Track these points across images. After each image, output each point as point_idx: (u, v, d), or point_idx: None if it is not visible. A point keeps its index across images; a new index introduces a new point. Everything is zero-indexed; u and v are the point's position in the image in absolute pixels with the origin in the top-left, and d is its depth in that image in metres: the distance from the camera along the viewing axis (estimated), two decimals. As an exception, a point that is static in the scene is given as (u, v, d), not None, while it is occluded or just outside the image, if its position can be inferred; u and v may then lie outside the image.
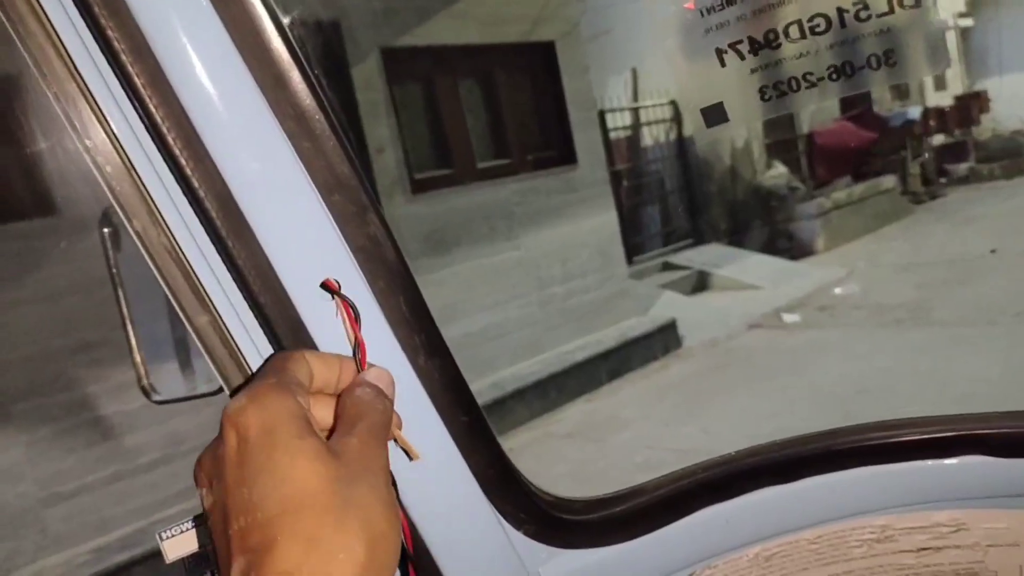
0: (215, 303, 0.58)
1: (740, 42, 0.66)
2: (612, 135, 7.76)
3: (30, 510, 3.70)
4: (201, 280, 0.57)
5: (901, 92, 13.59)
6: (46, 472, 3.77)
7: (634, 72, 8.59)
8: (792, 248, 9.06)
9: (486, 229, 5.64)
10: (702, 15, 0.66)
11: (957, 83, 15.64)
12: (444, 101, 5.60)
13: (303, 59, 0.56)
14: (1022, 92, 14.61)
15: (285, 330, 0.58)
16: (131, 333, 0.66)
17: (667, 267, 8.31)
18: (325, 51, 4.72)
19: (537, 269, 5.94)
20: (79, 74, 0.54)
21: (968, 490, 0.91)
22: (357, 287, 0.59)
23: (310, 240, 0.57)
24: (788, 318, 6.74)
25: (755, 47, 0.66)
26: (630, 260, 7.40)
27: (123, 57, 0.52)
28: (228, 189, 0.55)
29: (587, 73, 6.38)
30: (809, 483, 0.90)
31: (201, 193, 0.54)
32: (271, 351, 0.59)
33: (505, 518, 0.76)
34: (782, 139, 10.22)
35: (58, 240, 3.86)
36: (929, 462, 0.91)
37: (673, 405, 5.13)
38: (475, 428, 0.70)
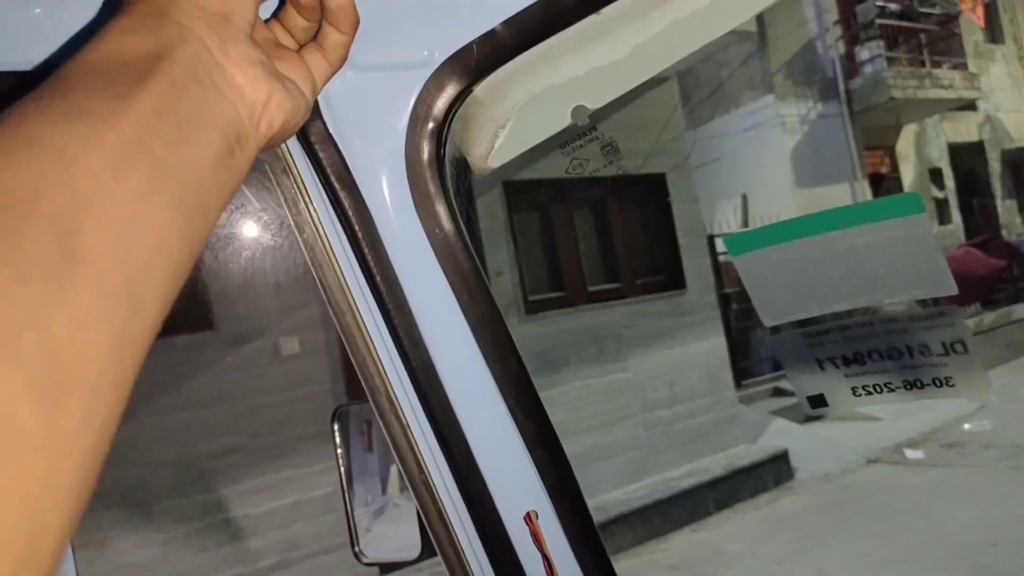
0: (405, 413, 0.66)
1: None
2: (721, 259, 7.84)
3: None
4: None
5: (1031, 216, 12.98)
6: (179, 570, 4.00)
7: (744, 198, 8.73)
8: (914, 378, 8.62)
9: (595, 350, 5.79)
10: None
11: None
12: (559, 229, 5.94)
13: (447, 192, 0.66)
14: None
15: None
16: (349, 507, 0.85)
17: (777, 392, 8.09)
18: (456, 185, 5.18)
19: (644, 391, 5.98)
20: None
21: None
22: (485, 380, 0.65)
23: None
24: (911, 454, 6.38)
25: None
26: (739, 384, 7.28)
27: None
28: (417, 325, 0.64)
29: (696, 203, 6.59)
30: None
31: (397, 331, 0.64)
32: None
33: None
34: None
35: (212, 353, 4.28)
36: None
37: (785, 542, 4.93)
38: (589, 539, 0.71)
